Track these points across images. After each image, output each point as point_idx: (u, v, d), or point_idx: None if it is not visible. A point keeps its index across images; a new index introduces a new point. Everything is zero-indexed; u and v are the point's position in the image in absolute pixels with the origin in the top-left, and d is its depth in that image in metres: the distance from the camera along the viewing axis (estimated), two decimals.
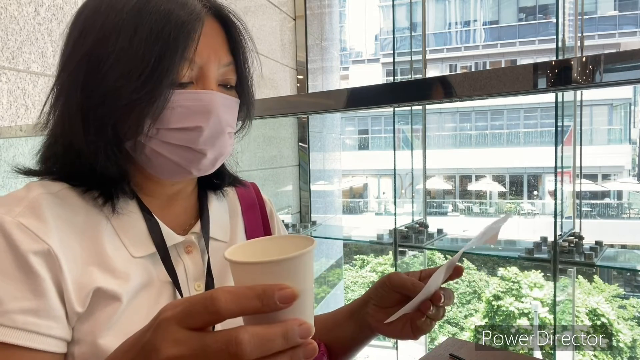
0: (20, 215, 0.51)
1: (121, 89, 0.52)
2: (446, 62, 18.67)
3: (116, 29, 0.53)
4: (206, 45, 0.56)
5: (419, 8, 3.37)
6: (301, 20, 2.95)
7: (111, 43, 0.53)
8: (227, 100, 0.59)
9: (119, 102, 0.52)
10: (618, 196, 15.07)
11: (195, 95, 0.55)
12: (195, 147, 0.56)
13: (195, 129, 0.55)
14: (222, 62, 0.58)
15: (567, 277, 2.36)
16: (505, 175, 16.66)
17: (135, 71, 0.52)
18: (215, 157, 0.59)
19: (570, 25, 2.56)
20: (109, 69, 0.52)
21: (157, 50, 0.52)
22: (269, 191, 2.73)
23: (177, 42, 0.53)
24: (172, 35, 0.53)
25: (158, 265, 0.58)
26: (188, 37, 0.54)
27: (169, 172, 0.59)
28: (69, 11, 1.38)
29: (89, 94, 0.53)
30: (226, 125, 0.58)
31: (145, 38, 0.52)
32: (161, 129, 0.55)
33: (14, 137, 1.21)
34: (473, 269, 10.50)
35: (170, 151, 0.56)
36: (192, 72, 0.56)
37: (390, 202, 16.17)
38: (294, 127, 3.04)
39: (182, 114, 0.55)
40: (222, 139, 0.58)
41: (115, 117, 0.54)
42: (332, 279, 3.60)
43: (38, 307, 0.48)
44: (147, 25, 0.53)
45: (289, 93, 2.86)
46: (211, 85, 0.56)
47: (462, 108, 17.37)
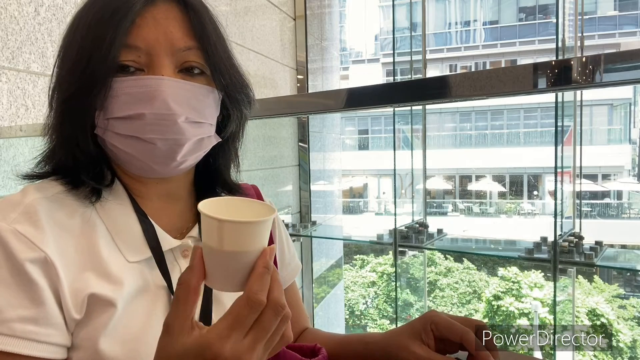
0: (15, 221, 0.50)
1: (69, 79, 0.54)
2: (446, 62, 18.66)
3: (74, 24, 0.56)
4: (154, 30, 0.54)
5: (419, 8, 3.37)
6: (301, 20, 2.94)
7: (69, 38, 0.56)
8: (186, 85, 0.55)
9: (66, 92, 0.54)
10: (618, 196, 15.06)
11: (138, 82, 0.53)
12: (142, 136, 0.54)
13: (138, 117, 0.53)
14: (176, 47, 0.55)
15: (567, 277, 2.36)
16: (505, 175, 16.65)
17: (79, 61, 0.53)
18: (170, 147, 0.55)
19: (570, 25, 2.55)
20: (64, 61, 0.56)
21: (93, 38, 0.53)
22: (269, 191, 2.73)
23: (114, 28, 0.52)
24: (108, 22, 0.52)
25: (154, 270, 0.57)
26: (123, 21, 0.52)
27: (136, 167, 0.58)
28: (69, 11, 1.38)
29: (55, 86, 0.57)
30: (180, 112, 0.54)
31: (87, 27, 0.54)
32: (110, 118, 0.54)
33: (14, 137, 1.20)
34: (473, 269, 10.50)
35: (122, 142, 0.55)
36: (141, 59, 0.54)
37: (390, 202, 16.16)
38: (294, 127, 3.04)
39: (126, 101, 0.53)
40: (174, 128, 0.54)
41: (69, 107, 0.54)
42: (332, 279, 3.60)
43: (37, 316, 0.48)
44: (91, 15, 0.54)
45: (289, 93, 2.85)
46: (161, 71, 0.54)
47: (462, 108, 17.36)
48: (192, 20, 0.56)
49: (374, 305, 10.56)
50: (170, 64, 0.55)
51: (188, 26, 0.56)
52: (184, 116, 0.54)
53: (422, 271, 5.96)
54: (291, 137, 3.01)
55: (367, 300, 10.63)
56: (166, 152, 0.55)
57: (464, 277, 10.31)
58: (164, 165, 0.57)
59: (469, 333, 0.56)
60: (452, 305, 10.04)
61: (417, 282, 6.87)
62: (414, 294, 8.08)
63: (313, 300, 3.05)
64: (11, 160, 1.23)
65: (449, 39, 18.78)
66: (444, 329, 0.58)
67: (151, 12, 0.54)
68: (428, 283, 10.00)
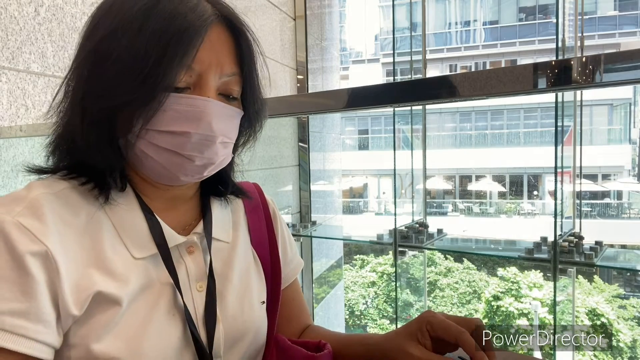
0: (19, 215, 0.50)
1: (118, 87, 0.53)
2: (446, 62, 18.65)
3: (122, 27, 0.54)
4: (209, 53, 0.55)
5: (419, 8, 3.37)
6: (301, 20, 2.94)
7: (115, 41, 0.53)
8: (226, 110, 0.57)
9: (114, 100, 0.53)
10: (618, 196, 15.06)
11: (188, 101, 0.54)
12: (182, 152, 0.55)
13: (183, 134, 0.54)
14: (224, 72, 0.57)
15: (567, 277, 2.36)
16: (505, 175, 16.65)
17: (133, 71, 0.52)
18: (204, 164, 0.57)
19: (570, 25, 2.55)
20: (110, 65, 0.53)
21: (156, 53, 0.52)
22: (269, 191, 2.73)
23: (177, 47, 0.52)
24: (173, 39, 0.52)
25: (159, 267, 0.57)
26: (189, 42, 0.53)
27: (158, 175, 0.59)
28: (69, 11, 1.38)
29: (89, 88, 0.54)
30: (219, 134, 0.56)
31: (147, 39, 0.52)
32: (150, 130, 0.54)
33: (14, 137, 1.20)
34: (473, 269, 10.51)
35: (157, 153, 0.56)
36: (191, 78, 0.55)
37: (390, 202, 16.17)
38: (294, 127, 3.04)
39: (173, 117, 0.54)
40: (213, 148, 0.56)
41: (109, 113, 0.54)
42: (332, 279, 3.60)
43: (28, 310, 0.47)
44: (151, 27, 0.53)
45: (289, 93, 2.86)
46: (208, 93, 0.55)
47: (462, 108, 17.36)
48: (239, 46, 0.58)
49: (374, 305, 10.56)
50: (215, 86, 0.57)
51: (235, 52, 0.58)
52: (221, 138, 0.57)
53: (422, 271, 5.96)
54: (291, 137, 3.01)
55: (367, 300, 10.63)
56: (199, 168, 0.58)
57: (464, 277, 10.32)
58: (192, 178, 0.59)
59: (463, 334, 0.55)
60: (452, 305, 10.05)
61: (417, 282, 6.87)
62: (414, 294, 8.08)
63: (313, 300, 3.05)
64: (11, 160, 1.23)
65: (449, 39, 18.78)
66: (439, 329, 0.57)
67: (208, 35, 0.55)
68: (428, 283, 10.00)
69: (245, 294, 0.65)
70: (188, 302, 0.58)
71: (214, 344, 0.59)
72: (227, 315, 0.61)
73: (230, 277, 0.64)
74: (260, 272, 0.69)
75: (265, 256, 0.70)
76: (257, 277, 0.69)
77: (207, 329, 0.59)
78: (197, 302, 0.59)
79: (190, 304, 0.58)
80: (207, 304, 0.59)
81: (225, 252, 0.65)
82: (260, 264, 0.70)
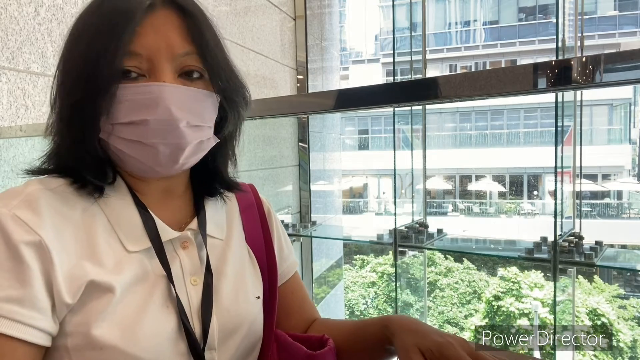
0: (15, 207, 0.52)
1: (74, 86, 0.55)
2: (446, 62, 18.65)
3: (77, 31, 0.58)
4: (155, 37, 0.55)
5: (419, 8, 3.37)
6: (301, 20, 2.94)
7: (72, 44, 0.57)
8: (188, 91, 0.57)
9: (72, 98, 0.55)
10: (618, 196, 15.06)
11: (142, 89, 0.55)
12: (145, 141, 0.55)
13: (142, 122, 0.55)
14: (176, 52, 0.57)
15: (567, 277, 2.36)
16: (505, 175, 16.65)
17: (83, 68, 0.54)
18: (172, 151, 0.57)
19: (570, 25, 2.55)
20: (70, 68, 0.56)
21: (97, 46, 0.54)
22: (269, 191, 2.73)
23: (117, 37, 0.53)
24: (112, 30, 0.54)
25: (153, 260, 0.58)
26: (124, 29, 0.54)
27: (137, 169, 0.60)
28: (68, 11, 1.38)
29: (58, 90, 0.58)
30: (181, 117, 0.56)
31: (91, 35, 0.55)
32: (115, 124, 0.56)
33: (14, 137, 1.21)
34: (473, 269, 10.50)
35: (127, 147, 0.57)
36: (142, 65, 0.56)
37: (390, 202, 16.16)
38: (294, 127, 3.04)
39: (131, 107, 0.55)
40: (176, 132, 0.56)
41: (74, 112, 0.55)
42: (332, 279, 3.60)
43: (23, 297, 0.49)
44: (94, 23, 0.56)
45: (289, 93, 2.86)
46: (163, 77, 0.55)
47: (462, 108, 17.36)
48: (190, 26, 0.58)
49: (374, 306, 10.56)
50: (170, 69, 0.56)
51: (186, 32, 0.58)
52: (185, 121, 0.56)
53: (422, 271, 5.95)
54: (291, 137, 3.01)
55: (367, 300, 10.63)
56: (169, 156, 0.57)
57: (464, 277, 10.31)
58: (167, 167, 0.59)
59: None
60: (452, 306, 10.05)
61: (417, 282, 6.86)
62: (414, 294, 8.07)
63: (313, 300, 3.05)
64: (11, 160, 1.23)
65: (449, 39, 18.77)
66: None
67: (151, 20, 0.56)
68: (428, 283, 9.99)
69: (240, 287, 0.65)
70: (182, 295, 0.59)
71: (208, 336, 0.59)
72: (221, 308, 0.62)
73: (225, 271, 0.65)
74: (256, 268, 0.70)
75: (260, 253, 0.71)
76: (253, 272, 0.69)
77: (202, 322, 0.59)
78: (191, 295, 0.60)
79: (184, 297, 0.59)
80: (204, 297, 0.60)
81: (220, 248, 0.66)
82: (255, 260, 0.70)
